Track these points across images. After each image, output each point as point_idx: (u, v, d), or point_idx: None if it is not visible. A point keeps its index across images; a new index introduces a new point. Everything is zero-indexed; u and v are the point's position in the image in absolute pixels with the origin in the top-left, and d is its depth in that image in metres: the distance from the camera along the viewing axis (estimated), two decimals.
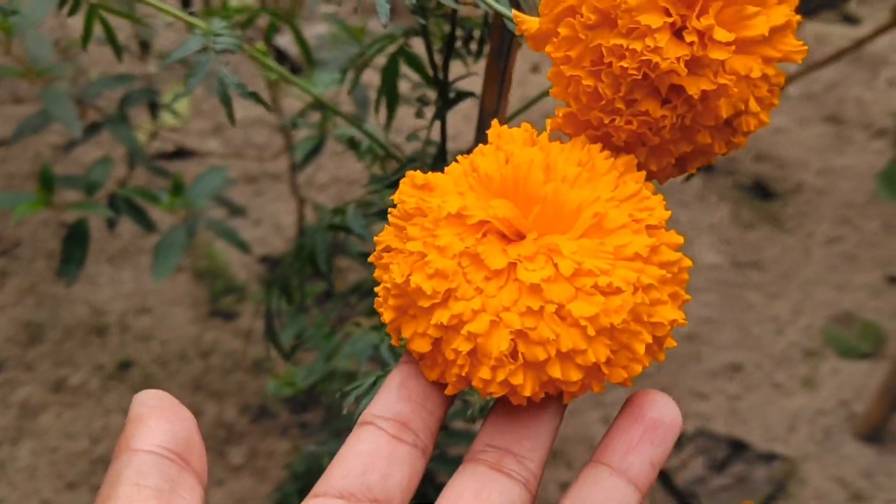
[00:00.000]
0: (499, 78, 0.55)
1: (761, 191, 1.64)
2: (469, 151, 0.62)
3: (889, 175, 1.31)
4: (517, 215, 0.32)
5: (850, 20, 2.01)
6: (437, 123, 0.60)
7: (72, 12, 0.67)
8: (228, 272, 1.48)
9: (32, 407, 1.32)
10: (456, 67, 0.59)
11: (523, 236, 0.32)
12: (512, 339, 0.30)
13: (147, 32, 1.06)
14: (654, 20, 0.31)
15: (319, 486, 0.31)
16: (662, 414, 0.32)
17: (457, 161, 0.35)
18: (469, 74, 0.58)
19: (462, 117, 1.68)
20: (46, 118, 0.99)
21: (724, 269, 1.50)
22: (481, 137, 0.60)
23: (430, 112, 0.62)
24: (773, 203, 1.63)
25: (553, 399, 0.33)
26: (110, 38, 0.67)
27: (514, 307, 0.30)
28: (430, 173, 0.34)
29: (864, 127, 1.77)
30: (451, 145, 0.60)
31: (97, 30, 0.66)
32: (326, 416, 1.31)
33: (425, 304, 0.31)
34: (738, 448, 1.26)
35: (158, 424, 0.30)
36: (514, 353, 0.30)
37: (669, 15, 0.31)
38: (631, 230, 0.31)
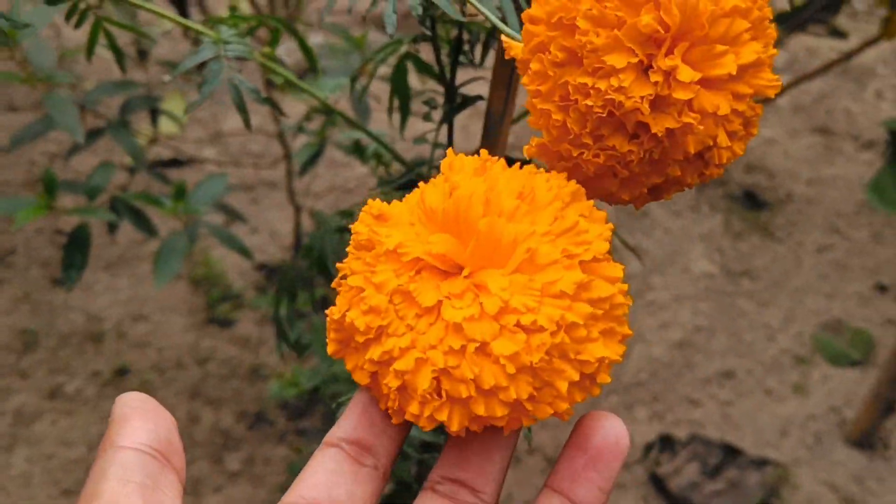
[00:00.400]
0: (506, 82, 0.56)
1: (752, 201, 1.66)
2: (476, 153, 0.63)
3: (879, 184, 1.33)
4: (456, 249, 0.32)
5: (839, 34, 2.05)
6: (443, 126, 0.61)
7: (78, 24, 0.67)
8: (225, 280, 1.48)
9: (27, 414, 1.31)
10: (464, 73, 0.60)
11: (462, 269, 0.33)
12: (435, 378, 0.31)
13: (146, 41, 1.07)
14: (618, 60, 0.31)
15: (287, 498, 0.33)
16: (607, 439, 0.33)
17: (417, 187, 0.35)
18: (477, 79, 0.59)
19: (465, 121, 1.69)
20: (49, 124, 0.99)
21: (717, 277, 1.52)
22: (488, 139, 0.61)
23: (436, 115, 0.63)
24: (763, 213, 1.65)
25: (499, 428, 0.33)
26: (114, 49, 0.68)
27: (439, 345, 0.31)
28: (388, 203, 0.35)
29: (852, 138, 1.80)
30: (458, 148, 0.61)
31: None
32: (324, 422, 1.31)
33: (360, 339, 0.32)
34: (731, 453, 1.27)
35: (142, 424, 0.32)
36: (439, 390, 0.31)
37: (635, 55, 0.31)
38: (562, 266, 0.31)
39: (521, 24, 0.41)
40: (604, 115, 0.32)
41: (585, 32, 0.31)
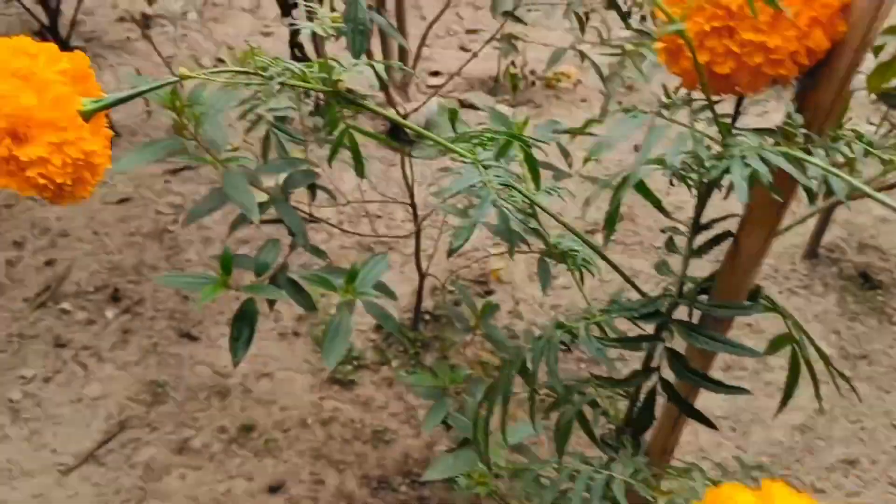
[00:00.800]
0: (770, 224, 0.58)
1: (866, 281, 1.65)
2: (710, 287, 0.65)
3: None
4: None
5: None
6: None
7: (330, 132, 0.72)
8: None
9: (157, 468, 1.34)
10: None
11: None
12: None
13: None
14: None
15: None
16: None
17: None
18: (728, 216, 0.61)
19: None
20: (223, 200, 1.03)
21: (834, 360, 1.51)
22: (735, 275, 0.63)
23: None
24: (878, 294, 1.64)
25: None
26: (356, 155, 0.71)
27: None
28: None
29: None
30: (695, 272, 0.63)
31: None
32: (446, 490, 1.32)
33: None
34: None
35: None
36: None
37: None
38: None
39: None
40: None
41: None
